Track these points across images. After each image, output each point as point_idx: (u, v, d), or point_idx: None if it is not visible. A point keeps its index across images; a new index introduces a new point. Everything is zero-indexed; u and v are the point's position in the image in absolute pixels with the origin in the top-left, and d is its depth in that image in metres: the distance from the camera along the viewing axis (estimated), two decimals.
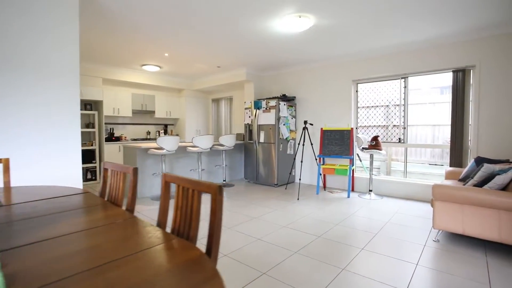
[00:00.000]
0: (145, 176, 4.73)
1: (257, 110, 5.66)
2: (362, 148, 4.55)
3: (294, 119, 5.80)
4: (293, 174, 5.88)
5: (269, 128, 5.50)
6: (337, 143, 4.83)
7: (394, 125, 4.80)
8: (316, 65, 5.50)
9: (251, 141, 5.82)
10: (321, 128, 5.03)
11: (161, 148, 4.42)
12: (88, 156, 5.99)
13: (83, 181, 5.92)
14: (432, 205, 2.77)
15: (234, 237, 2.91)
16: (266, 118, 5.52)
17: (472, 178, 2.64)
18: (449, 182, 3.22)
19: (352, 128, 4.75)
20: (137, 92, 6.95)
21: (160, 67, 5.97)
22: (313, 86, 5.60)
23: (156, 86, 7.06)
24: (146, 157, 4.73)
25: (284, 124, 5.48)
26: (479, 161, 3.19)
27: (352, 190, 5.04)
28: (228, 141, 5.34)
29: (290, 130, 5.65)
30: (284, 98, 5.68)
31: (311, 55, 5.06)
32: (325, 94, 5.40)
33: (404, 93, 4.58)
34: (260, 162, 5.69)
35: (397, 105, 4.70)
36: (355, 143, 4.97)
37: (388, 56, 4.60)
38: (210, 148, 5.04)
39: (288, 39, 4.19)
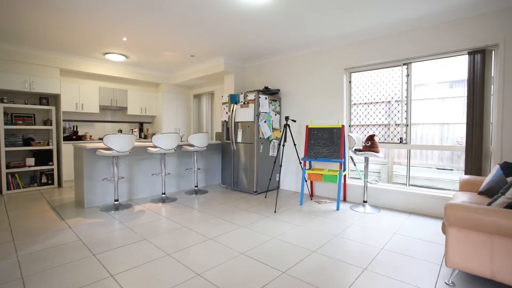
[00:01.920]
0: (95, 181, 3.95)
1: (234, 105, 4.86)
2: (355, 149, 3.73)
3: (278, 115, 4.99)
4: (277, 179, 5.06)
5: (247, 126, 4.69)
6: (325, 143, 4.01)
7: (396, 124, 3.97)
8: (303, 52, 4.69)
9: (228, 141, 5.03)
10: (307, 126, 4.21)
11: (110, 149, 3.65)
12: (44, 157, 5.24)
13: (38, 185, 5.18)
14: (444, 231, 1.94)
15: (166, 268, 2.11)
16: (244, 114, 4.71)
17: (503, 194, 1.81)
18: (465, 196, 2.38)
19: (343, 126, 3.93)
20: (106, 86, 6.20)
21: (126, 56, 5.21)
22: (300, 77, 4.78)
23: (128, 79, 6.31)
24: (96, 159, 3.96)
25: (265, 121, 4.67)
26: (507, 168, 2.35)
27: (344, 199, 4.20)
28: (198, 140, 4.55)
29: (273, 128, 4.84)
30: (266, 91, 4.88)
31: (294, 40, 4.25)
32: (314, 86, 4.59)
33: (407, 82, 3.74)
34: (238, 165, 4.88)
35: (397, 101, 3.87)
36: (346, 144, 4.14)
37: (387, 37, 3.77)
38: (175, 149, 4.25)
39: (257, 15, 3.39)
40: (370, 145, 3.59)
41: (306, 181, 4.28)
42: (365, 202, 3.77)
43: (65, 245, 2.60)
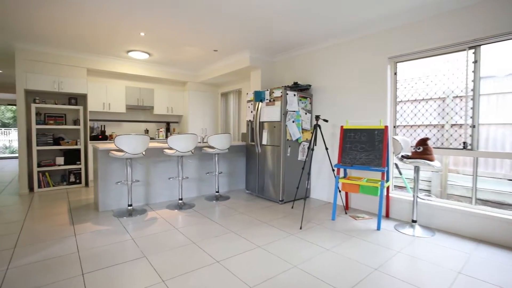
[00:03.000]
0: (109, 184, 3.76)
1: (259, 103, 4.38)
2: (402, 156, 3.02)
3: (308, 114, 4.39)
4: (307, 186, 4.46)
5: (273, 126, 4.18)
6: (364, 148, 3.34)
7: (455, 124, 3.16)
8: (337, 41, 4.03)
9: (253, 143, 4.56)
10: (341, 126, 3.57)
11: (122, 150, 3.40)
12: (72, 156, 5.29)
13: (66, 184, 5.23)
14: None
15: None
16: (270, 113, 4.21)
17: None
18: None
19: (386, 127, 3.23)
20: (132, 85, 6.13)
21: (148, 53, 5.02)
22: (334, 70, 4.14)
23: (154, 78, 6.18)
24: (110, 161, 3.76)
25: (293, 121, 4.12)
26: None
27: (387, 216, 3.48)
28: (219, 142, 4.15)
29: (302, 129, 4.26)
30: (295, 87, 4.31)
31: (327, 27, 3.63)
32: (351, 80, 3.91)
33: (474, 71, 2.92)
34: (263, 170, 4.39)
35: (458, 96, 3.06)
36: (390, 149, 3.42)
37: (447, 14, 2.99)
38: (192, 152, 3.90)
39: (285, 1, 2.86)
40: (422, 151, 2.85)
41: (339, 191, 3.65)
42: (414, 221, 3.03)
43: (60, 258, 2.34)
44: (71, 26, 3.77)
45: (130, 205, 3.65)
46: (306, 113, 4.33)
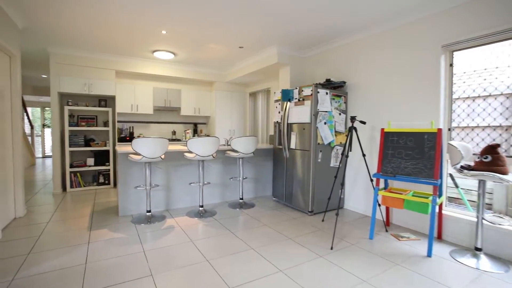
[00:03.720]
0: (129, 188, 3.65)
1: (287, 103, 3.98)
2: (462, 167, 2.43)
3: (343, 115, 3.89)
4: (340, 196, 3.97)
5: (302, 129, 3.76)
6: (411, 155, 2.78)
7: None
8: (378, 30, 3.49)
9: (280, 147, 4.18)
10: (382, 129, 3.04)
11: (139, 154, 3.24)
12: (102, 157, 5.36)
13: (96, 184, 5.32)
14: None
15: None
16: (299, 113, 3.80)
17: None
18: None
19: (439, 130, 2.65)
20: (160, 86, 6.09)
21: (173, 53, 4.89)
22: (373, 64, 3.60)
23: (182, 78, 6.09)
24: (130, 164, 3.64)
25: (325, 123, 3.66)
26: None
27: (439, 237, 2.88)
28: (242, 145, 3.84)
29: (335, 131, 3.78)
30: (327, 84, 3.85)
31: (368, 12, 3.12)
32: (393, 75, 3.35)
33: None
34: (291, 176, 3.99)
35: None
36: (444, 157, 2.82)
37: None
38: (214, 156, 3.63)
39: None
40: (491, 161, 2.25)
41: (379, 205, 3.13)
42: (478, 249, 2.42)
43: (66, 270, 2.19)
44: (97, 28, 3.72)
45: (149, 211, 3.49)
46: (340, 114, 3.84)
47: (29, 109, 10.65)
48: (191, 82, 6.47)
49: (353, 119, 3.08)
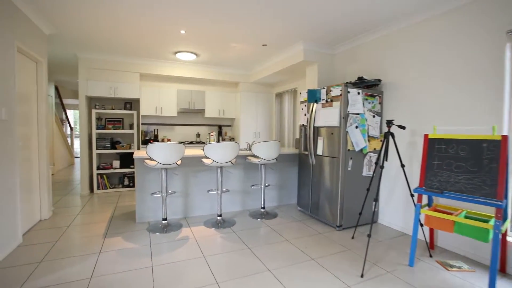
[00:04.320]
0: (146, 194, 3.54)
1: (314, 105, 3.62)
2: None
3: (377, 117, 3.43)
4: (374, 209, 3.50)
5: (330, 133, 3.38)
6: (463, 167, 2.28)
7: None
8: (421, 17, 2.99)
9: (306, 152, 3.82)
10: (426, 135, 2.56)
11: (153, 159, 3.10)
12: (127, 159, 5.40)
13: (122, 186, 5.37)
14: None
15: None
16: (327, 116, 3.41)
17: None
18: None
19: (504, 137, 2.12)
20: (184, 88, 6.01)
21: (195, 54, 4.75)
22: (414, 58, 3.10)
23: (206, 80, 5.96)
24: (147, 170, 3.53)
25: (356, 127, 3.24)
26: None
27: (502, 270, 2.34)
28: (264, 151, 3.55)
29: (368, 136, 3.34)
30: (359, 83, 3.42)
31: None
32: (439, 70, 2.84)
33: None
34: (318, 185, 3.62)
35: None
36: (511, 171, 2.27)
37: None
38: (232, 162, 3.39)
39: None
40: None
41: (420, 225, 2.65)
42: None
43: (70, 284, 2.08)
44: (117, 31, 3.68)
45: (165, 219, 3.34)
46: (373, 116, 3.39)
47: (71, 112, 11.37)
48: (215, 83, 6.32)
49: (390, 123, 2.64)
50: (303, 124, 3.91)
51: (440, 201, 2.77)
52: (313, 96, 3.61)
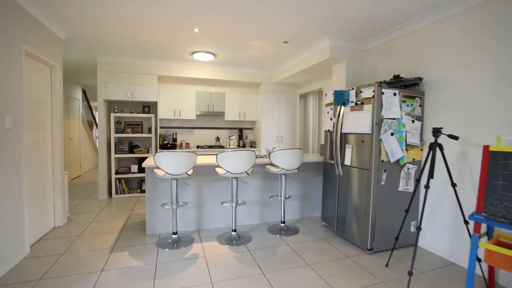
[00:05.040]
0: (157, 205, 3.32)
1: (341, 108, 3.17)
2: None
3: (417, 122, 2.91)
4: (413, 229, 2.99)
5: (361, 141, 2.92)
6: None
7: None
8: (476, 1, 2.44)
9: (332, 161, 3.38)
10: (486, 147, 2.04)
11: (161, 169, 2.85)
12: None
13: (140, 191, 5.27)
14: None
15: None
16: (356, 121, 2.96)
17: None
18: None
19: None
20: (203, 90, 5.79)
21: (213, 54, 4.49)
22: (466, 50, 2.55)
23: (225, 81, 5.70)
24: (158, 179, 3.31)
25: (392, 133, 2.76)
26: None
27: None
28: (284, 160, 3.18)
29: (407, 144, 2.84)
30: (395, 82, 2.92)
31: None
32: (501, 62, 2.28)
33: None
34: (345, 199, 3.17)
35: None
36: None
37: None
38: (248, 173, 3.05)
39: None
40: None
41: (478, 260, 2.13)
42: None
43: None
44: (133, 31, 3.51)
45: (175, 233, 3.09)
46: (413, 121, 2.88)
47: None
48: (235, 85, 6.04)
49: (437, 132, 2.15)
50: (328, 130, 3.48)
51: (503, 230, 2.22)
52: (340, 98, 3.17)
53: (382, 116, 2.73)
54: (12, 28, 2.53)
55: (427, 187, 2.05)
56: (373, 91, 2.73)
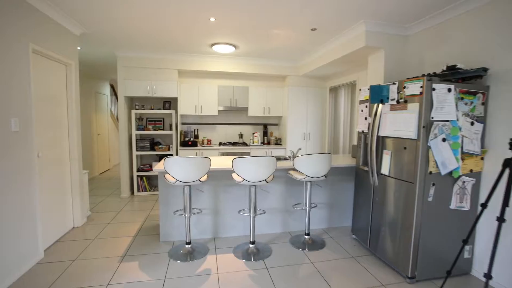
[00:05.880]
0: (170, 210, 3.11)
1: (379, 106, 2.68)
2: None
3: (478, 124, 2.34)
4: (468, 255, 2.46)
5: (402, 147, 2.43)
6: None
7: None
8: None
9: (366, 168, 2.91)
10: None
11: (172, 176, 2.61)
12: None
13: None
14: None
15: None
16: (398, 122, 2.46)
17: None
18: None
19: None
20: (225, 84, 5.48)
21: (233, 46, 4.14)
22: None
23: (248, 74, 5.35)
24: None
25: (445, 139, 2.24)
26: None
27: None
28: (310, 167, 2.79)
29: (463, 152, 2.30)
30: (449, 74, 2.36)
31: None
32: None
33: None
34: (380, 213, 2.71)
35: None
36: None
37: None
38: (267, 181, 2.70)
39: None
40: None
41: None
42: None
43: None
44: (148, 23, 3.27)
45: (189, 243, 2.86)
46: (472, 123, 2.32)
47: None
48: (259, 78, 5.65)
49: None
50: (362, 131, 3.00)
51: None
52: (377, 95, 2.67)
53: (432, 117, 2.21)
54: (16, 26, 2.38)
55: (501, 220, 1.55)
56: (421, 87, 2.21)
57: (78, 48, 4.29)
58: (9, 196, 2.28)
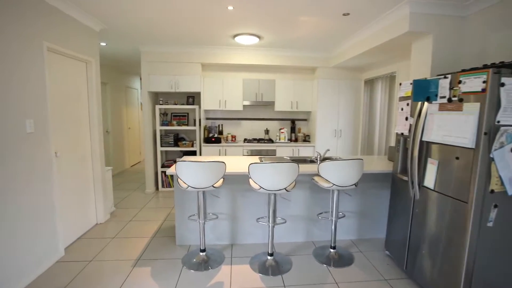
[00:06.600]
0: (186, 213, 2.97)
1: (424, 105, 2.22)
2: None
3: None
4: None
5: (454, 157, 1.97)
6: None
7: None
8: None
9: (405, 178, 2.48)
10: None
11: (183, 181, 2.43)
12: None
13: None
14: None
15: None
16: (448, 126, 2.00)
17: None
18: None
19: None
20: (250, 77, 5.19)
21: (257, 36, 3.83)
22: None
23: (275, 66, 5.01)
24: None
25: None
26: None
27: None
28: (336, 174, 2.44)
29: None
30: None
31: None
32: None
33: None
34: (421, 230, 2.29)
35: None
36: None
37: None
38: (287, 189, 2.41)
39: None
40: None
41: None
42: None
43: None
44: (168, 16, 3.10)
45: (203, 250, 2.70)
46: None
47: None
48: (286, 70, 5.28)
49: None
50: (402, 133, 2.55)
51: None
52: (422, 91, 2.21)
53: (498, 121, 1.74)
54: (30, 25, 2.32)
55: None
56: (484, 82, 1.74)
57: (103, 44, 4.30)
58: (25, 196, 2.27)
